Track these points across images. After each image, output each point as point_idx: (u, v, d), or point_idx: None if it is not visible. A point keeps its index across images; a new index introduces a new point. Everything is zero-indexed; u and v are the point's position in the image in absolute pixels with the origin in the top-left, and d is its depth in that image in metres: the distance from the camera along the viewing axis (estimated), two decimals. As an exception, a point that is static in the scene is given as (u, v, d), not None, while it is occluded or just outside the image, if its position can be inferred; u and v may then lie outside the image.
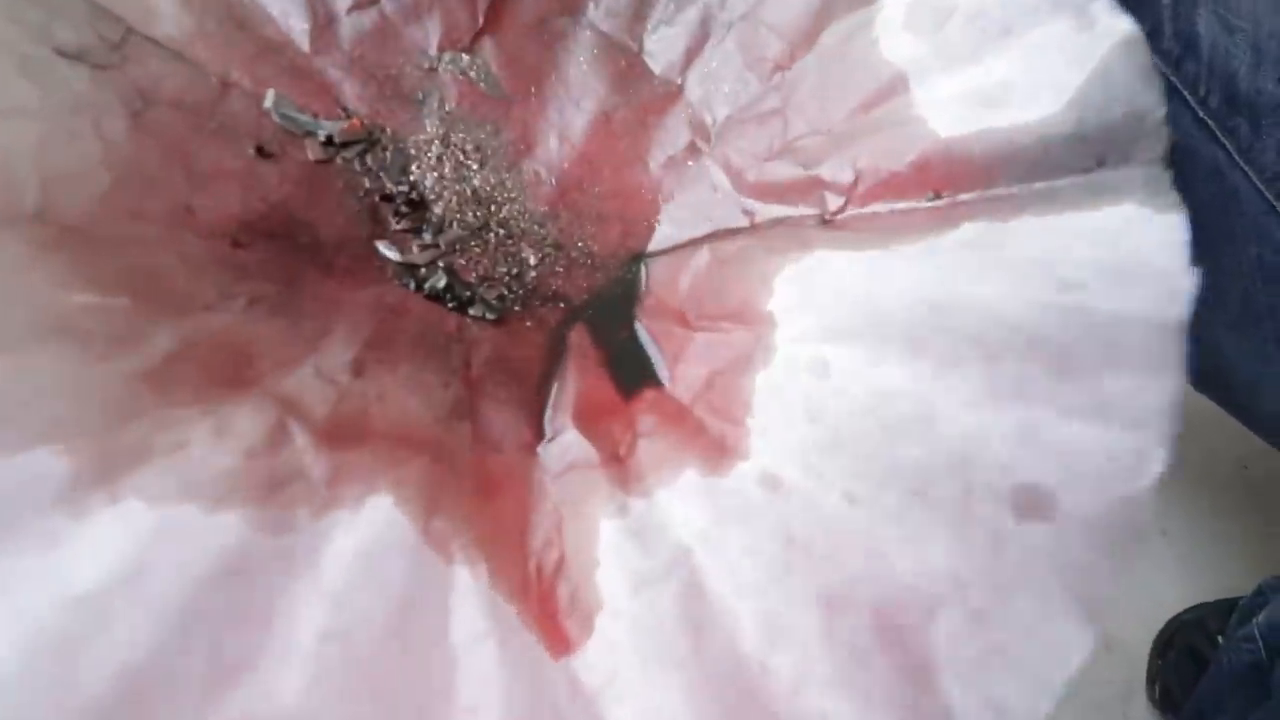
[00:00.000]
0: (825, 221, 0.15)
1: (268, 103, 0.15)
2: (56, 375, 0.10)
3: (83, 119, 0.13)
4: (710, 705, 0.10)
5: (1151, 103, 0.12)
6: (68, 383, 0.10)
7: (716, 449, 0.13)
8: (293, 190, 0.15)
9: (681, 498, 0.12)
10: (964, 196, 0.13)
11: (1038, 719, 0.10)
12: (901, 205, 0.14)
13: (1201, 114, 0.37)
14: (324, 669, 0.10)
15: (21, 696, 0.09)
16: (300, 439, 0.12)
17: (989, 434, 0.11)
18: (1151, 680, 0.62)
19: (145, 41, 0.15)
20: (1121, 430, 0.11)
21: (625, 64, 0.17)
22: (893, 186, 0.14)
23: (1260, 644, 0.39)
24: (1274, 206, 0.35)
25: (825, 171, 0.15)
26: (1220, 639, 0.46)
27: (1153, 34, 0.37)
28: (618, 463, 0.13)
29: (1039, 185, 0.13)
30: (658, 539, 0.12)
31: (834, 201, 0.15)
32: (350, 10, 0.16)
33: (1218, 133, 0.36)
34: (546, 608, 0.12)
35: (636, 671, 0.11)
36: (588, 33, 0.16)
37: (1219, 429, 0.43)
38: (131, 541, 0.09)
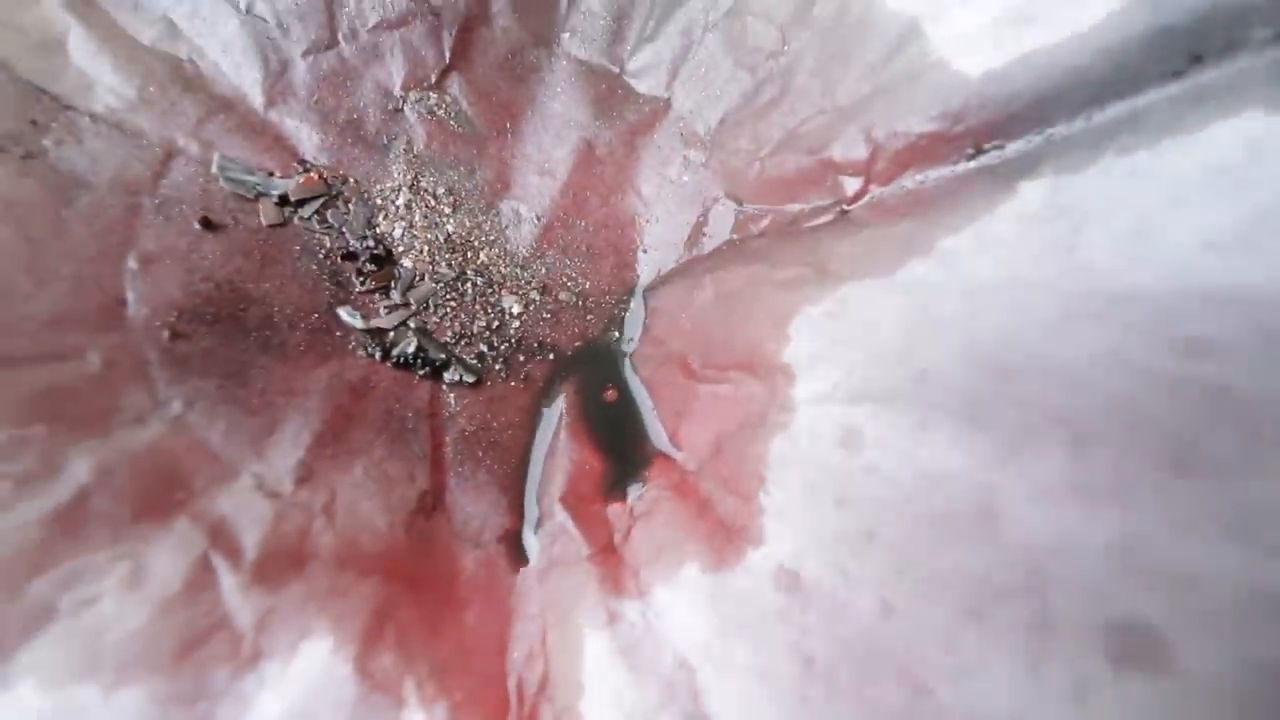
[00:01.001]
0: (844, 211, 0.12)
1: (214, 168, 0.14)
2: None
3: (4, 224, 0.12)
4: None
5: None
6: None
7: (724, 532, 0.10)
8: (242, 263, 0.14)
9: (682, 598, 0.10)
10: (1015, 146, 0.10)
11: None
12: (936, 173, 0.11)
13: None
14: None
15: None
16: (227, 579, 0.10)
17: (1074, 544, 0.07)
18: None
19: (82, 117, 0.14)
20: (1268, 558, 0.07)
21: (606, 87, 0.15)
22: (920, 151, 0.11)
23: None
24: None
25: (836, 151, 0.12)
26: None
27: None
28: (611, 553, 0.11)
29: (1114, 110, 0.09)
30: (653, 657, 0.09)
31: (851, 185, 0.12)
32: (306, 54, 0.15)
33: None
34: None
35: None
36: (563, 62, 0.15)
37: None
38: None
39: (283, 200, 0.14)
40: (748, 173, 0.13)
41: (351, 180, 0.15)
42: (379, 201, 0.15)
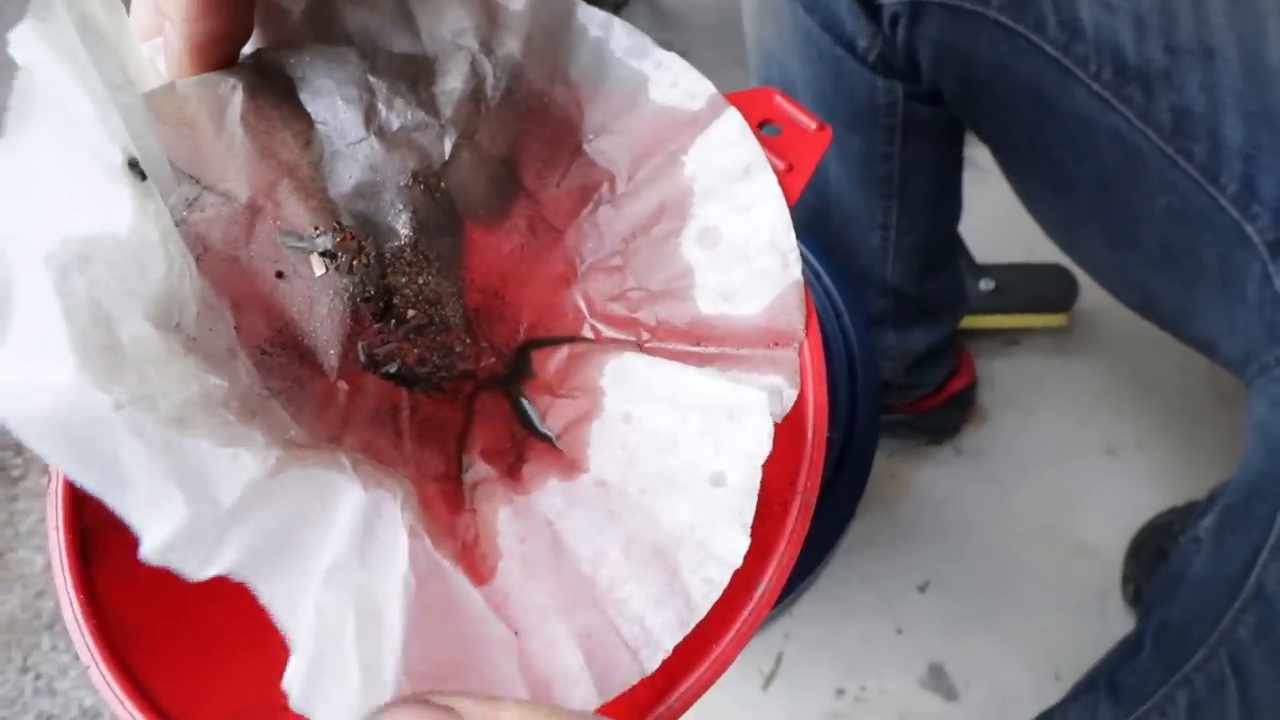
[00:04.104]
0: (639, 346, 0.23)
1: (278, 236, 0.21)
2: (208, 433, 0.16)
3: (184, 264, 0.19)
4: (563, 599, 0.19)
5: (799, 318, 0.21)
6: (211, 441, 0.16)
7: (570, 467, 0.21)
8: (300, 306, 0.21)
9: (548, 495, 0.20)
10: (711, 349, 0.22)
11: (723, 584, 0.18)
12: (681, 346, 0.23)
13: (1095, 88, 0.41)
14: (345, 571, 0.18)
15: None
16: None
17: (699, 449, 0.20)
18: (1125, 581, 0.72)
19: (205, 190, 0.20)
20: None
21: (537, 213, 0.24)
22: (677, 333, 0.23)
23: (1202, 544, 0.43)
24: (1175, 161, 0.40)
25: (641, 316, 0.23)
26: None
27: (1038, 26, 0.42)
28: (510, 477, 0.21)
29: (744, 350, 0.21)
30: (534, 515, 0.20)
31: (645, 336, 0.23)
32: (349, 145, 0.22)
33: (1113, 101, 0.41)
34: (470, 563, 0.19)
35: (522, 585, 0.19)
36: (520, 191, 0.24)
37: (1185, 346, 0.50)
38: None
39: (325, 254, 0.21)
40: (596, 305, 0.24)
41: (370, 238, 0.22)
42: (388, 257, 0.22)
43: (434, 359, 0.23)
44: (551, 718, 0.15)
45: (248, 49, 0.22)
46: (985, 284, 0.79)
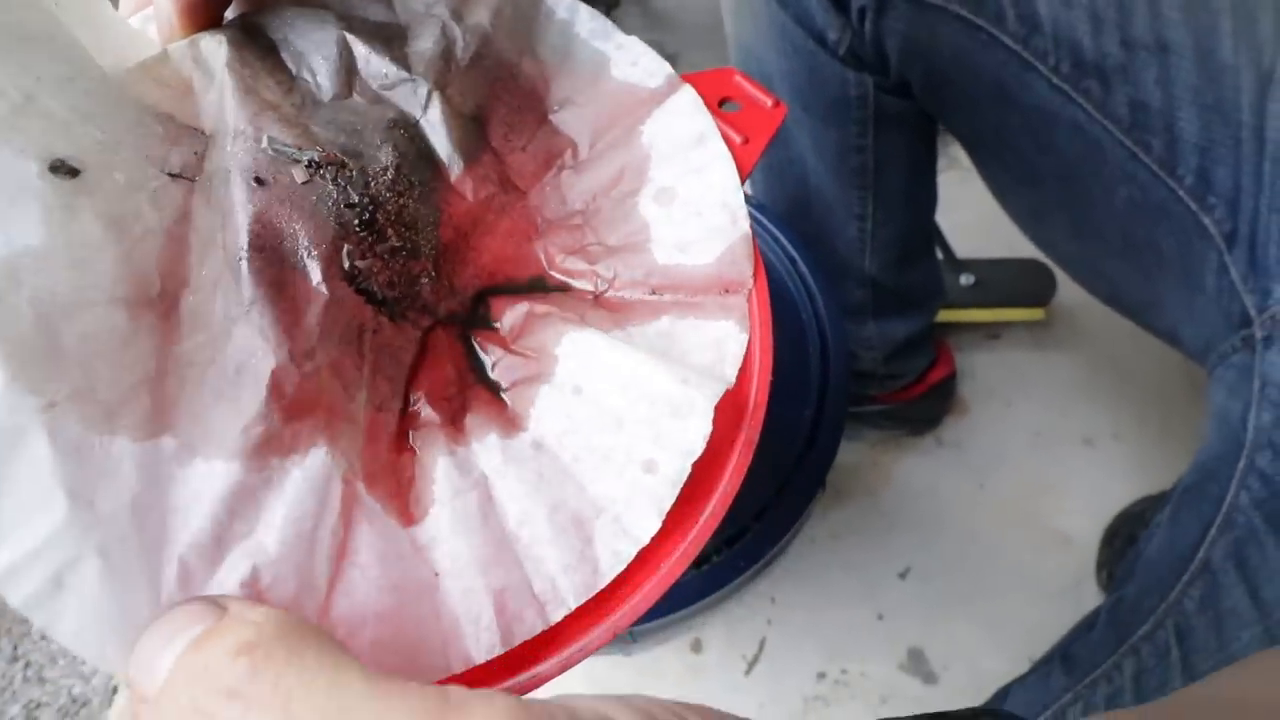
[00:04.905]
0: (596, 297, 0.25)
1: (263, 142, 0.21)
2: (133, 424, 0.18)
3: (182, 227, 0.20)
4: (486, 554, 0.20)
5: (748, 268, 0.22)
6: (130, 436, 0.18)
7: (511, 423, 0.22)
8: (279, 209, 0.21)
9: (487, 449, 0.21)
10: (666, 297, 0.23)
11: (629, 558, 0.20)
12: (637, 295, 0.24)
13: (1055, 81, 0.42)
14: (286, 536, 0.20)
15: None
16: (274, 417, 0.21)
17: (639, 435, 0.21)
18: (1100, 567, 0.73)
19: (208, 138, 0.21)
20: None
21: (503, 172, 0.26)
22: (634, 283, 0.24)
23: (1161, 526, 0.44)
24: (1134, 153, 0.41)
25: (600, 269, 0.24)
26: None
27: (998, 19, 0.43)
28: (453, 426, 0.22)
29: (697, 298, 0.23)
30: (471, 470, 0.21)
31: (602, 286, 0.25)
32: (332, 98, 0.23)
33: (1072, 94, 0.42)
34: (403, 502, 0.20)
35: (450, 535, 0.20)
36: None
37: (1163, 336, 0.51)
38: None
39: (309, 163, 0.22)
40: (556, 259, 0.25)
41: (355, 159, 0.22)
42: (371, 174, 0.22)
43: (401, 284, 0.23)
44: (303, 627, 0.14)
45: (230, 14, 0.23)
46: (966, 279, 0.81)
